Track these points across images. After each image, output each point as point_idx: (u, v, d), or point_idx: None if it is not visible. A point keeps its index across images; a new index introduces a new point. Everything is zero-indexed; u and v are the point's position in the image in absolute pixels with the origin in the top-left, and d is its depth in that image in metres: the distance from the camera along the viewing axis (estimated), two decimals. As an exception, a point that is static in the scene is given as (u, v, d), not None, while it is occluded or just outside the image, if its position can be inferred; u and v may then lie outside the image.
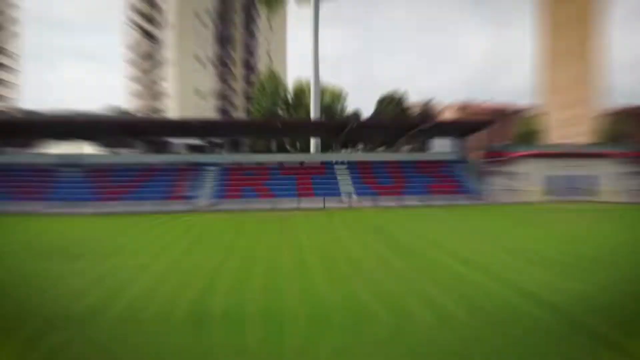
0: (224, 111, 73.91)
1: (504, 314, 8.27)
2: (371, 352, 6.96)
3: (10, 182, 28.49)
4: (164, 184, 29.86)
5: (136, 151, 60.52)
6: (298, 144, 54.78)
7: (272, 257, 14.21)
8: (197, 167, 32.18)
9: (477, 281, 10.68)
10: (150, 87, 74.60)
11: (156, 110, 73.48)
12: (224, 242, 16.65)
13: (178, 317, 8.69)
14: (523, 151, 38.25)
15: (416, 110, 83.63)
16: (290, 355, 6.95)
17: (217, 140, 59.45)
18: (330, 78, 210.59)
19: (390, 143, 65.89)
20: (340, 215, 23.78)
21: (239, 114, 77.03)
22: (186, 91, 68.89)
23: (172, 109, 69.09)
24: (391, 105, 68.79)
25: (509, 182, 32.98)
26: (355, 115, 74.72)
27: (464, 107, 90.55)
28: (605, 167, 31.42)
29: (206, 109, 71.71)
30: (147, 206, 27.05)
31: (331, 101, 60.80)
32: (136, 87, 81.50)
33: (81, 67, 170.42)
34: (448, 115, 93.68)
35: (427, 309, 8.79)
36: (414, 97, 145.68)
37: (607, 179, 31.18)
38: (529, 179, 30.95)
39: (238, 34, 75.05)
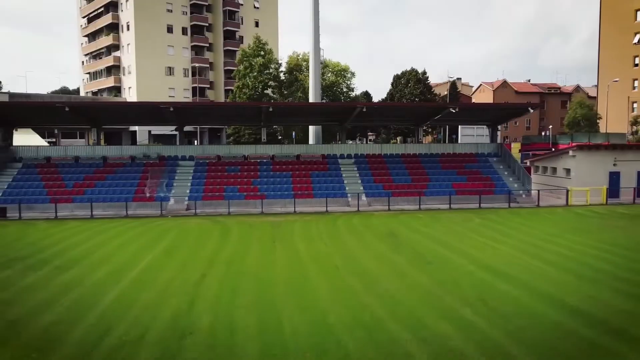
0: (197, 90, 74.52)
1: None
2: None
3: None
4: (125, 182, 30.59)
5: (82, 142, 61.45)
6: (294, 134, 55.55)
7: (263, 271, 15.02)
8: (168, 162, 32.88)
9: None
10: (103, 60, 75.21)
11: (113, 90, 74.19)
12: (204, 253, 17.42)
13: (150, 339, 9.43)
14: (575, 142, 38.97)
15: (441, 91, 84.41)
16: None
17: (191, 128, 60.17)
18: (333, 52, 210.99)
19: (408, 132, 66.81)
20: (345, 221, 24.54)
21: (217, 94, 77.62)
22: (149, 66, 69.48)
23: (132, 88, 69.78)
24: (410, 84, 69.65)
25: (552, 180, 33.75)
26: (365, 96, 75.43)
27: (502, 88, 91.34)
28: None
29: (175, 87, 72.38)
30: (106, 209, 27.77)
31: (334, 79, 61.60)
32: (87, 60, 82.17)
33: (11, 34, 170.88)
34: (482, 98, 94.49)
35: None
36: (438, 75, 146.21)
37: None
38: (576, 177, 31.70)
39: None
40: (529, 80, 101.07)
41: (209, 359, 8.45)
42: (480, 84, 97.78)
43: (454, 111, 31.44)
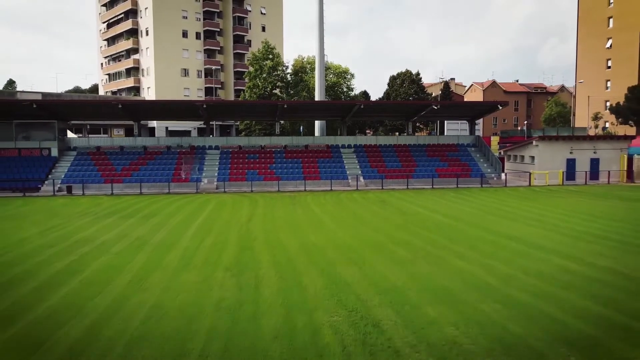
0: (212, 90, 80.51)
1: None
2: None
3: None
4: (164, 167, 36.61)
5: (105, 136, 67.65)
6: (302, 127, 61.71)
7: (290, 218, 21.26)
8: (198, 151, 38.92)
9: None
10: (124, 62, 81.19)
11: (132, 90, 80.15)
12: (243, 212, 23.66)
13: (232, 242, 15.65)
14: (537, 135, 45.18)
15: (435, 91, 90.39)
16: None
17: (202, 124, 66.40)
18: (333, 50, 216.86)
19: (400, 127, 72.76)
20: (347, 195, 30.62)
21: (228, 93, 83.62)
22: (166, 68, 75.46)
23: (151, 88, 75.75)
24: (405, 84, 75.63)
25: (521, 166, 39.84)
26: (364, 95, 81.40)
27: (491, 88, 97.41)
28: (606, 151, 38.31)
29: (190, 88, 78.33)
30: (150, 189, 33.78)
31: (336, 80, 67.66)
32: (106, 62, 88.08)
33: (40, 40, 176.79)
34: (473, 97, 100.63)
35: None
36: (435, 74, 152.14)
37: (612, 161, 38.19)
38: (538, 163, 37.78)
39: (225, 1, 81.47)
40: (517, 81, 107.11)
41: (270, 252, 14.46)
42: (472, 84, 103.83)
43: (435, 108, 37.50)
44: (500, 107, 38.83)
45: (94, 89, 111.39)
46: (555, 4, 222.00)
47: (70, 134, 58.23)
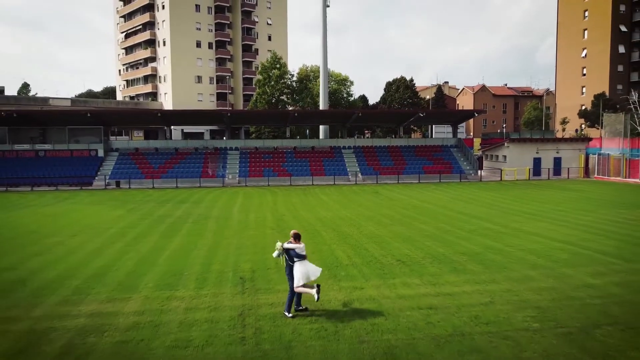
0: (221, 95, 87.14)
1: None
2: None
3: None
4: (193, 165, 43.24)
5: (126, 138, 74.32)
6: (307, 131, 68.47)
7: (305, 201, 27.95)
8: (221, 152, 45.56)
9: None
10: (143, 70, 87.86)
11: (149, 95, 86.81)
12: (268, 199, 30.35)
13: (269, 219, 22.49)
14: (514, 137, 51.87)
15: (428, 94, 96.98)
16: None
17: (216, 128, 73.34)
18: (332, 50, 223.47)
19: (393, 130, 79.60)
20: (347, 188, 37.32)
21: (237, 98, 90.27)
22: (182, 75, 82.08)
23: (168, 94, 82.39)
24: (400, 90, 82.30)
25: (495, 164, 46.50)
26: (362, 100, 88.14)
27: (481, 91, 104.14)
28: (567, 151, 45.12)
29: (203, 93, 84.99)
30: (183, 183, 40.37)
31: (337, 87, 74.30)
32: (124, 69, 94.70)
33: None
34: (465, 100, 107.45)
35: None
36: (431, 76, 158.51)
37: (572, 160, 44.99)
38: (509, 161, 44.47)
39: (234, 13, 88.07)
40: (506, 84, 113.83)
41: (296, 221, 21.03)
42: (463, 88, 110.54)
43: (422, 115, 44.17)
44: (477, 115, 45.52)
45: (107, 92, 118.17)
46: (555, 3, 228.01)
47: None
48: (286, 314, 8.97)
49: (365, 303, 9.68)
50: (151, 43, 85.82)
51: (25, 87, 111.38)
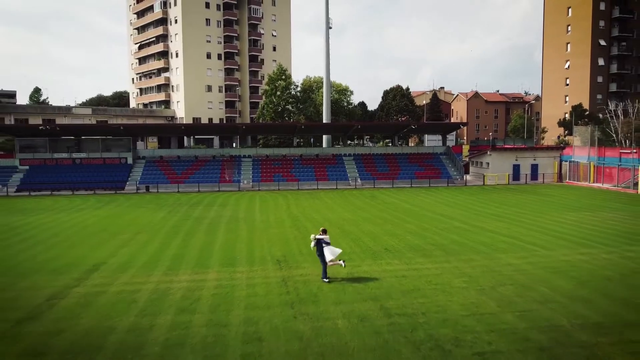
0: (229, 103, 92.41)
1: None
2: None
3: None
4: (212, 171, 48.50)
5: (141, 144, 79.77)
6: (312, 139, 73.85)
7: (312, 203, 33.23)
8: (235, 159, 50.82)
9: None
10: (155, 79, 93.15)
11: (162, 103, 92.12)
12: (281, 202, 35.67)
13: (286, 219, 27.86)
14: (499, 144, 57.12)
15: (425, 99, 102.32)
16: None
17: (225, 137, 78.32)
18: (332, 50, 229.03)
19: (390, 138, 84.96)
20: (348, 192, 42.58)
21: (244, 106, 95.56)
22: (193, 85, 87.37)
23: (180, 102, 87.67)
24: (397, 98, 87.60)
25: (480, 170, 51.76)
26: (361, 107, 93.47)
27: (474, 98, 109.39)
28: (543, 158, 50.42)
29: (212, 101, 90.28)
30: (203, 187, 45.60)
31: (337, 97, 79.68)
32: (137, 78, 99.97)
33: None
34: (459, 105, 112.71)
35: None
36: (430, 78, 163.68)
37: (548, 166, 50.29)
38: (491, 167, 49.75)
39: (242, 26, 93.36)
40: (498, 91, 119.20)
41: (308, 221, 26.27)
42: (457, 94, 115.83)
43: (414, 127, 49.41)
44: (462, 127, 50.72)
45: (116, 96, 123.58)
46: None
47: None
48: (324, 280, 14.12)
49: (361, 274, 14.93)
50: (164, 54, 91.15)
51: (37, 91, 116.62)
